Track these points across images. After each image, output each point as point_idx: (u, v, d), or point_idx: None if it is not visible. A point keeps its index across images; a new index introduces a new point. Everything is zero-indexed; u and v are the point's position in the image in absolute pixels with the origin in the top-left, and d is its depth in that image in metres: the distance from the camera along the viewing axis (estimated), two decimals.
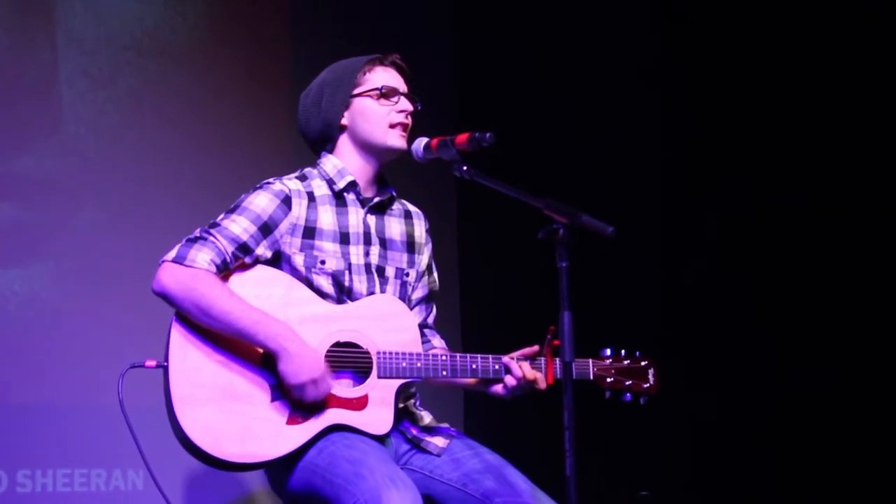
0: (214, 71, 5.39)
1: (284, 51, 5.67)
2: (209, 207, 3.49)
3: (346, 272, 3.30)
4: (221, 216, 3.26)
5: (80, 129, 4.99)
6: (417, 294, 3.54)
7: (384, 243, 3.42)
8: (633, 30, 6.07)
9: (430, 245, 3.59)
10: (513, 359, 3.28)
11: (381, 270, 3.38)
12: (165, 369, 3.12)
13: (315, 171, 3.42)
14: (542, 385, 3.29)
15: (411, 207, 3.60)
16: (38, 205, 4.84)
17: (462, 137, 3.18)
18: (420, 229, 3.56)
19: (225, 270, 3.19)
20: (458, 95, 6.25)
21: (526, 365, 3.26)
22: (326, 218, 3.32)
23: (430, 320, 3.60)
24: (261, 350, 3.16)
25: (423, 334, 3.53)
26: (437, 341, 3.57)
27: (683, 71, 5.92)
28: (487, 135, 3.14)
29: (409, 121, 3.42)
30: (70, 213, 4.91)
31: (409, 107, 3.41)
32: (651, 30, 6.04)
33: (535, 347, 3.29)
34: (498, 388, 3.33)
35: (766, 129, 5.66)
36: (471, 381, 3.40)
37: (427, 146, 3.28)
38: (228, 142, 5.35)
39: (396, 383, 3.23)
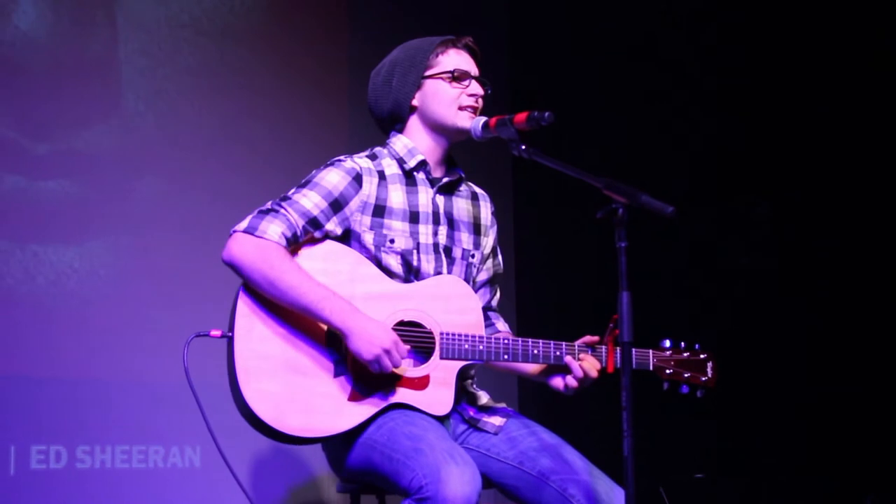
0: (272, 50, 5.42)
1: (342, 31, 5.69)
2: (265, 186, 3.52)
3: (415, 251, 3.31)
4: (293, 190, 3.26)
5: (139, 106, 5.03)
6: (482, 276, 3.54)
7: (452, 224, 3.42)
8: (692, 11, 6.02)
9: (495, 228, 3.59)
10: (574, 357, 3.26)
11: (448, 251, 3.38)
12: (230, 339, 3.12)
13: (385, 151, 3.42)
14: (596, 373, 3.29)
15: (478, 189, 3.60)
16: (98, 182, 4.89)
17: (521, 116, 3.17)
18: (486, 211, 3.56)
19: (295, 244, 3.20)
20: (513, 74, 6.25)
21: (587, 363, 3.25)
22: (397, 197, 3.33)
23: (494, 303, 3.60)
24: (325, 326, 3.17)
25: (486, 317, 3.54)
26: (501, 324, 3.57)
27: (742, 55, 5.87)
28: (546, 114, 3.12)
29: (479, 104, 3.40)
30: (129, 189, 4.95)
31: (479, 90, 3.40)
32: (709, 13, 5.99)
33: (596, 337, 3.29)
34: (557, 383, 3.34)
35: (823, 116, 5.62)
36: (531, 369, 3.41)
37: (486, 125, 3.28)
38: (285, 119, 5.38)
39: (458, 364, 3.23)
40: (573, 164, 3.04)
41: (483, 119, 3.30)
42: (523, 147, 3.13)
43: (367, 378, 3.15)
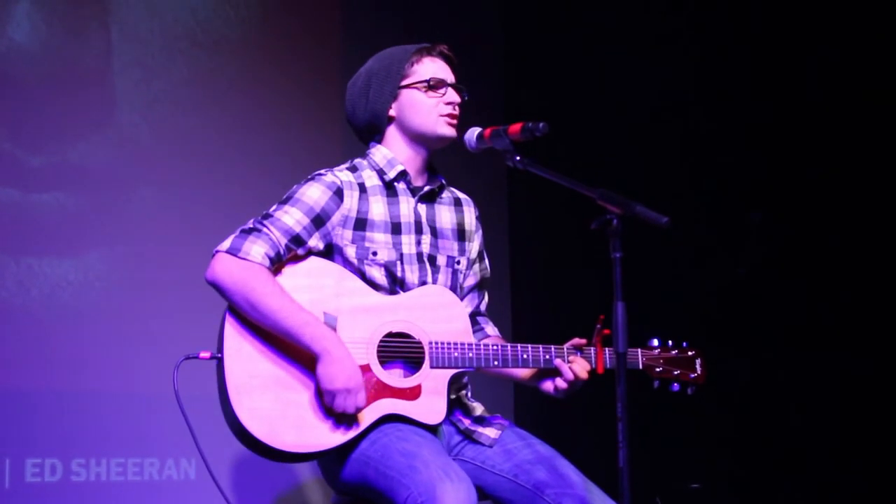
0: (267, 61, 5.41)
1: (336, 42, 5.68)
2: (260, 197, 3.50)
3: (398, 262, 3.30)
4: (274, 207, 3.26)
5: (133, 118, 5.02)
6: (469, 281, 3.53)
7: (435, 232, 3.42)
8: (691, 16, 6.02)
9: (480, 232, 3.59)
10: (564, 359, 3.27)
11: (432, 259, 3.38)
12: (220, 360, 3.13)
13: (365, 162, 3.42)
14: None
15: (460, 195, 3.60)
16: (93, 194, 4.88)
17: (515, 127, 3.16)
18: (470, 216, 3.56)
19: (278, 263, 3.20)
20: (507, 84, 6.24)
21: (576, 365, 3.25)
22: (378, 208, 3.33)
23: (483, 307, 3.60)
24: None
25: (475, 322, 3.54)
26: (490, 329, 3.56)
27: (739, 65, 5.87)
28: (541, 124, 3.12)
29: (456, 112, 3.41)
30: (124, 202, 4.94)
31: (456, 98, 3.40)
32: (708, 19, 5.99)
33: (584, 340, 3.29)
34: (548, 386, 3.34)
35: (819, 123, 5.61)
36: (522, 373, 3.41)
37: (480, 136, 3.27)
38: (281, 130, 5.37)
39: (449, 373, 3.23)
40: (570, 170, 3.04)
41: (478, 130, 3.29)
42: (518, 158, 3.12)
43: (334, 409, 3.13)
